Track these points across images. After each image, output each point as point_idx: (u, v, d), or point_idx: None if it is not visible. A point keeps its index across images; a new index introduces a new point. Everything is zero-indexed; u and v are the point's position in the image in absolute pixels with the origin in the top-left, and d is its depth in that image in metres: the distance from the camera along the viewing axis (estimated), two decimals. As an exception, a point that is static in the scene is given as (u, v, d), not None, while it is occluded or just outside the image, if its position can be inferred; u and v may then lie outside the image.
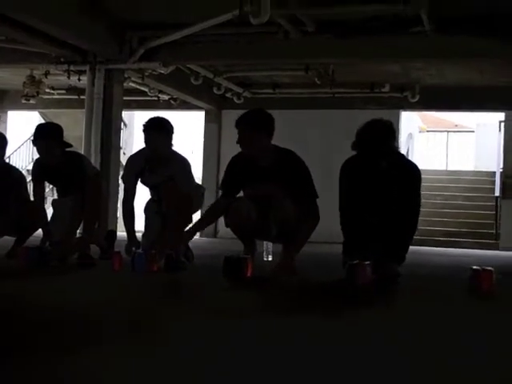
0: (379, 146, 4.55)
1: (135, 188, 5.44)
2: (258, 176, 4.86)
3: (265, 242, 6.00)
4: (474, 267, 4.22)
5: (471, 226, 12.44)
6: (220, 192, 5.27)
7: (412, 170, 4.76)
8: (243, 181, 4.98)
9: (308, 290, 4.24)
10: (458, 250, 10.80)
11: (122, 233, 6.32)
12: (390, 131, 4.63)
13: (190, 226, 5.19)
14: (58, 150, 5.30)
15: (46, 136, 5.28)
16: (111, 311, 3.06)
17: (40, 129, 5.38)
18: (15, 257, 5.23)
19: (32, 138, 5.39)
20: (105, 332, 2.54)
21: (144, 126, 5.27)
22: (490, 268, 4.15)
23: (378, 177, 4.65)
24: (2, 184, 5.67)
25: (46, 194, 6.12)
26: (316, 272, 5.48)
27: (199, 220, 5.15)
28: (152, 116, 5.45)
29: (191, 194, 5.26)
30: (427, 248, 10.62)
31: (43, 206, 5.71)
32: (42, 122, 5.64)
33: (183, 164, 5.32)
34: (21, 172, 6.25)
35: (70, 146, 5.51)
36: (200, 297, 3.75)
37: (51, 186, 6.63)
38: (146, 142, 5.28)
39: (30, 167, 6.09)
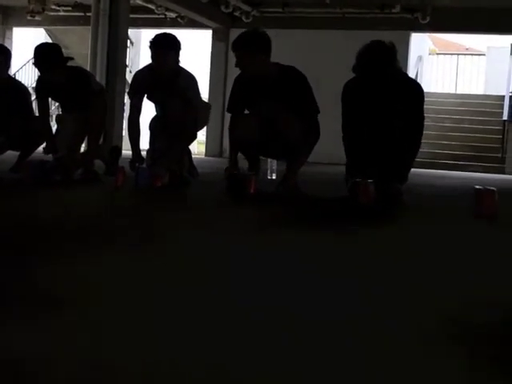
0: (379, 68, 4.52)
1: (141, 104, 5.40)
2: (261, 94, 4.85)
3: (269, 161, 6.01)
4: (477, 187, 4.24)
5: (478, 149, 12.37)
6: (227, 114, 5.25)
7: (414, 89, 4.73)
8: (247, 100, 4.97)
9: (310, 207, 4.26)
10: (463, 173, 10.80)
11: (127, 151, 6.33)
12: (389, 53, 4.57)
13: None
14: (59, 70, 5.25)
15: (47, 65, 5.22)
16: (108, 222, 3.09)
17: (38, 52, 5.29)
18: (19, 171, 5.26)
19: (33, 60, 5.33)
20: (102, 239, 2.57)
21: (151, 42, 5.19)
22: (492, 188, 4.17)
23: (380, 96, 4.62)
24: (6, 98, 5.65)
25: (51, 112, 6.09)
26: (319, 190, 5.51)
27: (231, 151, 5.10)
28: (159, 33, 5.36)
29: (197, 109, 5.22)
30: (433, 171, 10.63)
31: (48, 121, 5.69)
32: (42, 42, 5.50)
33: (190, 80, 5.27)
34: (25, 86, 6.21)
35: (71, 59, 5.47)
36: (202, 211, 3.78)
37: (56, 104, 6.58)
38: (152, 58, 5.22)
39: (35, 85, 6.05)
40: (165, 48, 5.10)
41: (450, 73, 17.77)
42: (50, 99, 5.71)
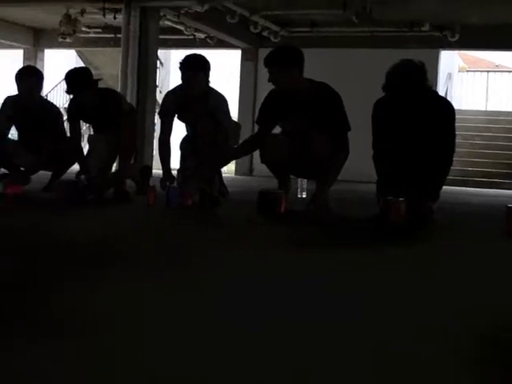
0: (409, 86, 4.50)
1: (172, 124, 5.44)
2: (293, 110, 4.85)
3: (299, 179, 6.00)
4: (510, 205, 4.19)
5: (511, 166, 12.26)
6: (256, 127, 5.25)
7: (445, 107, 4.69)
8: (278, 115, 4.97)
9: (340, 226, 4.24)
10: (497, 190, 10.69)
11: (157, 170, 6.36)
12: (419, 71, 4.55)
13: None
14: (90, 92, 5.32)
15: (77, 89, 5.30)
16: (140, 242, 3.11)
17: (69, 76, 5.36)
18: (52, 191, 5.31)
19: (65, 86, 5.44)
20: (131, 260, 2.59)
21: (181, 63, 5.22)
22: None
23: (410, 115, 4.60)
24: (39, 119, 5.73)
25: (83, 132, 6.16)
26: (349, 209, 5.49)
27: (236, 149, 5.12)
28: (188, 54, 5.40)
29: (228, 129, 5.24)
30: (465, 188, 10.55)
31: (80, 142, 5.76)
32: (71, 68, 5.59)
33: (220, 100, 5.30)
34: (57, 107, 6.29)
35: (100, 80, 5.56)
36: (232, 230, 3.79)
37: (87, 125, 6.66)
38: (182, 79, 5.25)
39: (67, 105, 6.13)
40: (195, 70, 5.12)
41: (479, 90, 17.67)
42: (81, 121, 5.79)
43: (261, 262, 2.64)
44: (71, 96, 5.56)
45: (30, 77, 5.78)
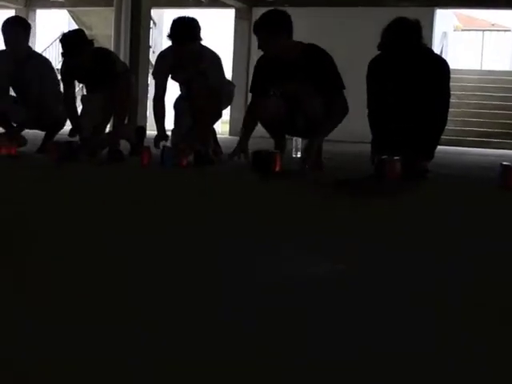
0: (404, 45, 4.47)
1: (166, 84, 5.42)
2: (285, 74, 4.84)
3: (294, 139, 5.99)
4: (504, 163, 4.23)
5: (507, 126, 12.25)
6: (250, 95, 5.24)
7: (440, 65, 4.67)
8: (271, 80, 4.96)
9: (334, 185, 4.24)
10: (492, 150, 10.69)
11: (152, 132, 6.34)
12: (415, 30, 4.52)
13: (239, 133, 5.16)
14: (85, 55, 5.28)
15: (73, 53, 5.26)
16: (132, 203, 3.10)
17: (65, 41, 5.32)
18: (45, 152, 5.29)
19: (61, 52, 5.40)
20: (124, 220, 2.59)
21: (169, 36, 5.14)
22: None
23: (405, 73, 4.57)
24: (33, 72, 5.67)
25: (77, 93, 6.12)
26: (344, 168, 5.49)
27: (242, 134, 5.09)
28: (179, 16, 5.31)
29: (221, 89, 5.22)
30: (461, 148, 10.54)
31: (74, 103, 5.72)
32: (66, 31, 5.54)
33: (214, 59, 5.26)
34: (49, 60, 6.22)
35: (93, 40, 5.53)
36: (228, 189, 3.79)
37: (81, 85, 6.61)
38: (172, 49, 5.22)
39: (59, 67, 6.08)
40: (184, 42, 5.07)
41: (475, 49, 17.59)
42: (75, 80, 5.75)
43: (253, 220, 2.65)
44: (64, 57, 5.52)
45: (15, 26, 5.73)
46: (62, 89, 5.73)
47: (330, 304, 1.47)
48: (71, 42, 5.27)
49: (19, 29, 5.71)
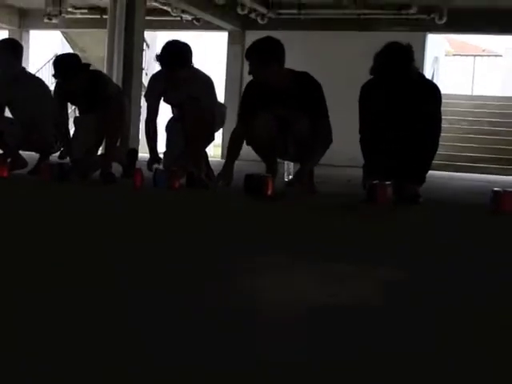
0: (396, 69, 4.50)
1: (158, 107, 5.43)
2: (274, 100, 4.85)
3: (285, 163, 6.00)
4: (496, 189, 4.25)
5: (497, 151, 12.31)
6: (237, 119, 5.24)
7: (432, 90, 4.70)
8: (260, 106, 4.96)
9: (326, 208, 4.25)
10: (482, 175, 10.74)
11: (143, 154, 6.34)
12: (407, 54, 4.55)
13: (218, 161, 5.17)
14: (79, 79, 5.28)
15: (66, 78, 5.26)
16: (124, 223, 3.09)
17: (58, 64, 5.32)
18: (38, 173, 5.29)
19: (52, 74, 5.39)
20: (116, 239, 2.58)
21: (160, 63, 5.16)
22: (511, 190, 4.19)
23: (397, 98, 4.60)
24: (23, 90, 5.69)
25: (69, 114, 6.12)
26: (336, 192, 5.50)
27: (227, 159, 5.09)
28: (170, 41, 5.32)
29: (214, 112, 5.24)
30: (451, 173, 10.59)
31: (67, 125, 5.72)
32: (59, 54, 5.53)
33: (206, 82, 5.29)
34: (43, 81, 6.24)
35: (89, 65, 5.52)
36: (219, 212, 3.78)
37: (73, 107, 6.62)
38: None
39: (52, 88, 6.08)
40: (174, 68, 5.10)
41: (466, 74, 17.72)
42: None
43: (245, 240, 2.65)
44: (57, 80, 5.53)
45: (5, 48, 5.75)
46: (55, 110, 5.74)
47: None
48: (64, 66, 5.27)
49: (9, 51, 5.73)
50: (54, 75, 5.36)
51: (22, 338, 1.24)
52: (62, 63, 5.31)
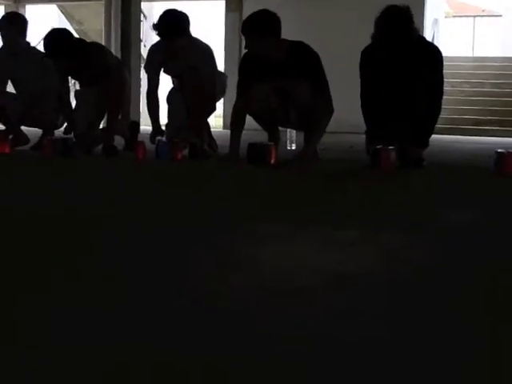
0: (397, 33, 4.47)
1: (158, 78, 5.40)
2: (272, 72, 4.81)
3: (288, 131, 5.99)
4: (499, 150, 4.25)
5: (500, 113, 12.23)
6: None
7: (433, 52, 4.66)
8: (257, 77, 4.92)
9: (330, 175, 4.24)
10: (486, 138, 10.68)
11: (145, 126, 6.33)
12: (406, 16, 4.52)
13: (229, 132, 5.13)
14: (75, 59, 5.22)
15: (57, 55, 5.21)
16: (128, 199, 3.10)
17: (49, 46, 5.24)
18: (41, 149, 5.28)
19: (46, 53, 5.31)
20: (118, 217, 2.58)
21: (157, 34, 5.14)
22: (515, 150, 4.19)
23: (399, 61, 4.57)
24: (32, 68, 5.64)
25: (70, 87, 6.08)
26: (339, 158, 5.49)
27: (232, 135, 5.05)
28: (167, 10, 5.29)
29: (214, 81, 5.21)
30: (455, 136, 10.54)
31: (69, 99, 5.69)
32: (49, 31, 5.40)
33: (206, 51, 5.26)
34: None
35: (82, 40, 5.48)
36: (222, 181, 3.78)
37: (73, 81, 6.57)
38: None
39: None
40: (172, 38, 5.06)
41: (466, 35, 17.59)
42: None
43: (246, 205, 2.65)
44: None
45: (9, 22, 5.72)
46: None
47: (330, 300, 1.47)
48: (53, 44, 5.19)
49: (11, 26, 5.68)
50: (45, 54, 5.30)
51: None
52: (50, 41, 5.22)
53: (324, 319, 1.31)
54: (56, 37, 5.29)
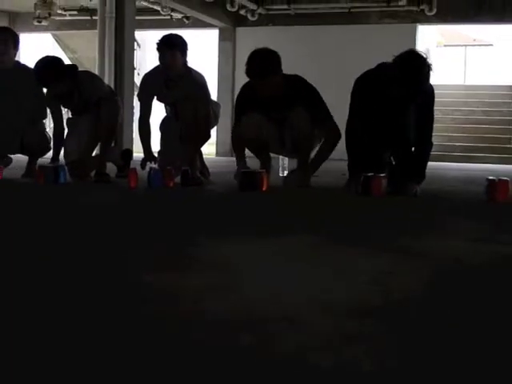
0: (418, 85, 4.40)
1: (151, 106, 5.42)
2: (272, 105, 4.95)
3: (280, 158, 6.02)
4: (490, 177, 4.28)
5: (491, 140, 12.32)
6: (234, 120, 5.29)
7: (428, 94, 4.63)
8: (256, 109, 5.01)
9: (318, 200, 4.26)
10: (476, 164, 10.75)
11: (138, 154, 6.33)
12: (427, 74, 4.46)
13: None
14: (64, 82, 5.23)
15: (48, 82, 5.24)
16: (119, 223, 3.09)
17: (37, 73, 5.26)
18: (31, 176, 5.27)
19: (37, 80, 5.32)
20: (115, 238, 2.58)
21: (158, 43, 5.21)
22: (505, 178, 4.22)
23: (394, 102, 4.57)
24: (17, 87, 5.64)
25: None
26: (330, 185, 5.50)
27: (237, 160, 5.11)
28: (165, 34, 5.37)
29: (209, 110, 5.24)
30: (446, 163, 10.59)
31: (62, 127, 5.66)
32: (40, 58, 5.38)
33: (200, 80, 5.29)
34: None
35: (74, 67, 5.48)
36: (215, 209, 3.79)
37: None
38: (160, 59, 5.24)
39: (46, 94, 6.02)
40: (173, 48, 5.12)
41: (458, 64, 17.73)
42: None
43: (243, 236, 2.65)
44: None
45: (3, 34, 5.75)
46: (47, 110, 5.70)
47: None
48: (44, 71, 5.20)
49: (9, 38, 5.70)
50: (37, 79, 5.29)
51: (21, 328, 1.24)
52: (41, 68, 5.22)
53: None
54: (46, 62, 5.30)
